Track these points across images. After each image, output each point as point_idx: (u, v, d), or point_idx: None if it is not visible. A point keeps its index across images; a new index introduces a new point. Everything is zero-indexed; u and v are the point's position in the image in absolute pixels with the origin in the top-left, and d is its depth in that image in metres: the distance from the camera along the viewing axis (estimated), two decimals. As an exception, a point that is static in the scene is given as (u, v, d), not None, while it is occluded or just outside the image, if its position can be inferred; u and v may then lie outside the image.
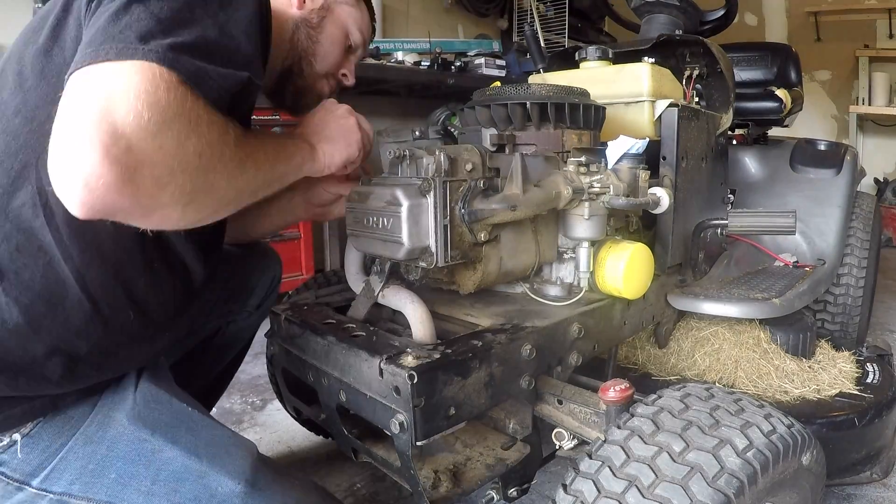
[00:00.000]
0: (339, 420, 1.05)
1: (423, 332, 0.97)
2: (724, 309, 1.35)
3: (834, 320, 1.88)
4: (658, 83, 1.38)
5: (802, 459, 0.82)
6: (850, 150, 2.02)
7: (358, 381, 0.92)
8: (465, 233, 0.96)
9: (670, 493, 0.71)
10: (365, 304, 1.07)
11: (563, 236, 1.15)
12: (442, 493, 0.97)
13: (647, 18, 1.82)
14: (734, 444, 0.75)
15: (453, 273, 1.06)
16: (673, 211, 1.32)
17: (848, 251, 1.87)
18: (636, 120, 1.39)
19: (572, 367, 1.09)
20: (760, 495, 0.76)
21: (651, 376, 1.47)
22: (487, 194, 0.98)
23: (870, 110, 4.95)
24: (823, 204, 1.88)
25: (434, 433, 0.85)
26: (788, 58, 2.39)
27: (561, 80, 1.50)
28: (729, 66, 1.60)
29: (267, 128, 2.36)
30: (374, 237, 0.96)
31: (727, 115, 1.58)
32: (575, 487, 0.77)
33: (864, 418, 1.29)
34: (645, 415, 0.83)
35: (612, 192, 1.10)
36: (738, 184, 1.99)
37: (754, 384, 1.40)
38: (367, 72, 2.95)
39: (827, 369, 1.47)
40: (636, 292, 1.15)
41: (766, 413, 0.83)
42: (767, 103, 2.08)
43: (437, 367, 0.84)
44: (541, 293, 1.15)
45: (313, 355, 1.02)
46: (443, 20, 4.08)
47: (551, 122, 1.17)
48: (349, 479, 1.46)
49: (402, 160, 0.96)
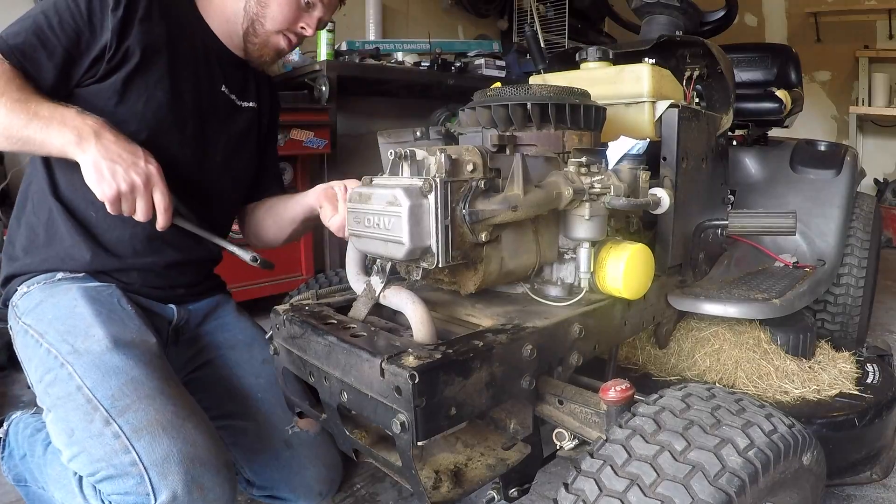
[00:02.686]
0: (339, 420, 1.05)
1: (423, 332, 0.97)
2: (725, 309, 1.36)
3: (834, 320, 1.88)
4: (658, 84, 1.38)
5: (803, 459, 0.82)
6: (850, 151, 2.02)
7: (359, 382, 0.92)
8: (465, 233, 0.96)
9: (672, 491, 0.71)
10: (366, 305, 1.07)
11: (564, 237, 1.16)
12: (443, 494, 0.97)
13: (647, 19, 1.82)
14: (735, 443, 0.76)
15: (454, 273, 1.07)
16: (673, 211, 1.32)
17: (848, 251, 1.87)
18: (637, 121, 1.39)
19: (573, 368, 1.09)
20: (761, 495, 0.76)
21: (651, 376, 1.47)
22: (488, 195, 0.98)
23: (870, 111, 4.96)
24: (823, 204, 1.88)
25: (435, 433, 0.85)
26: (788, 58, 2.39)
27: (561, 80, 1.50)
28: (729, 67, 1.60)
29: None
30: (375, 237, 0.96)
31: (727, 115, 1.58)
32: (577, 486, 0.77)
33: (864, 418, 1.29)
34: (646, 414, 0.83)
35: (612, 192, 1.10)
36: (739, 184, 1.99)
37: (754, 384, 1.40)
38: (367, 72, 2.96)
39: (827, 370, 1.47)
40: (636, 293, 1.16)
41: (767, 413, 0.83)
42: (767, 104, 2.08)
43: (438, 368, 0.84)
44: (541, 293, 1.15)
45: (314, 355, 1.02)
46: (443, 21, 4.08)
47: (552, 123, 1.17)
48: (349, 479, 1.46)
49: (403, 160, 0.96)
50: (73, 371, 1.04)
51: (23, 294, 1.19)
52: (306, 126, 2.52)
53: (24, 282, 1.21)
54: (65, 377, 1.04)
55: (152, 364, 1.09)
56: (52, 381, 1.06)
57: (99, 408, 0.99)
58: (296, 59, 2.88)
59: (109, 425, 0.98)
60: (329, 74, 2.72)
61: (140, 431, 0.97)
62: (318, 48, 2.85)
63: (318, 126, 2.56)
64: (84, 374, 1.03)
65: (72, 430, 1.00)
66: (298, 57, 2.89)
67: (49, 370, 1.07)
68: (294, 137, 2.48)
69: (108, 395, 1.01)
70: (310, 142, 2.53)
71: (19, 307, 1.18)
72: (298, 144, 2.50)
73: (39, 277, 1.20)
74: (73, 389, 1.02)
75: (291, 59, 2.87)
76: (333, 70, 2.76)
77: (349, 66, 2.89)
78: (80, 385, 1.02)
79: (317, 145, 2.56)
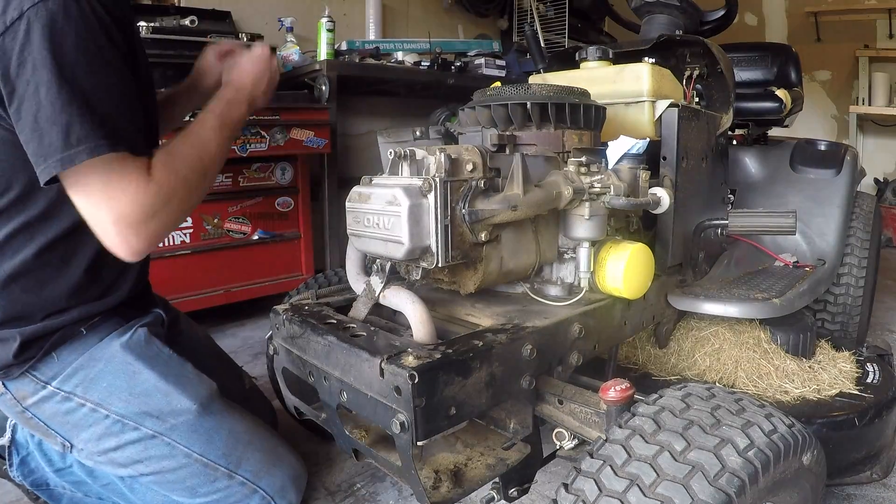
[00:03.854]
0: (339, 420, 1.05)
1: (423, 332, 0.97)
2: (725, 309, 1.35)
3: (834, 320, 1.88)
4: (658, 83, 1.38)
5: (803, 459, 0.82)
6: (850, 151, 2.02)
7: (359, 381, 0.92)
8: (465, 233, 0.96)
9: (672, 491, 0.71)
10: (366, 305, 1.07)
11: (564, 236, 1.15)
12: (442, 494, 0.97)
13: (647, 19, 1.82)
14: (735, 443, 0.76)
15: (454, 273, 1.06)
16: (673, 211, 1.32)
17: (848, 251, 1.87)
18: (636, 120, 1.39)
19: (573, 367, 1.09)
20: (761, 494, 0.76)
21: (651, 376, 1.47)
22: (488, 194, 0.98)
23: (870, 110, 4.95)
24: (823, 204, 1.87)
25: (435, 433, 0.85)
26: (788, 58, 2.39)
27: (561, 80, 1.50)
28: (729, 67, 1.60)
29: (266, 129, 2.37)
30: (375, 237, 0.96)
31: (727, 115, 1.58)
32: (576, 486, 0.77)
33: (864, 418, 1.29)
34: (646, 414, 0.83)
35: (612, 192, 1.10)
36: (739, 184, 1.99)
37: (754, 384, 1.40)
38: (367, 72, 2.96)
39: (827, 369, 1.47)
40: (636, 292, 1.15)
41: (767, 413, 0.83)
42: (767, 103, 2.08)
43: (438, 367, 0.84)
44: (541, 293, 1.15)
45: (314, 355, 1.02)
46: (443, 20, 4.08)
47: (552, 123, 1.17)
48: (349, 479, 1.46)
49: (403, 160, 0.96)
50: (174, 442, 1.13)
51: (44, 357, 1.10)
52: (306, 125, 2.51)
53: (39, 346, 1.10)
54: (164, 448, 1.12)
55: (224, 403, 1.21)
56: (138, 452, 1.12)
57: (218, 468, 1.15)
58: (296, 59, 2.88)
59: (234, 478, 1.16)
60: (329, 74, 2.72)
61: (259, 474, 1.19)
62: (318, 48, 2.84)
63: (318, 125, 2.56)
64: (188, 443, 1.14)
65: (193, 488, 1.15)
66: (298, 56, 2.89)
67: (129, 442, 1.12)
68: (294, 137, 2.48)
69: (220, 454, 1.15)
70: (310, 141, 2.53)
71: (44, 372, 1.10)
72: (299, 144, 2.50)
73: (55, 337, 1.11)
74: (181, 458, 1.13)
75: (292, 58, 2.87)
76: (333, 70, 2.75)
77: (349, 66, 2.89)
78: (188, 453, 1.13)
79: (317, 144, 2.56)
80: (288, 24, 2.95)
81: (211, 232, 2.41)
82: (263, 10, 3.17)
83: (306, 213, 2.72)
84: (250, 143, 2.34)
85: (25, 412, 1.11)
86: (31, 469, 1.31)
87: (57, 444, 1.14)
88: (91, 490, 1.28)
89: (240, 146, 2.30)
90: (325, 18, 2.82)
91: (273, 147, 2.42)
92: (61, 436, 1.13)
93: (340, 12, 3.40)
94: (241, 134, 2.28)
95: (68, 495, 1.30)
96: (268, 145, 2.39)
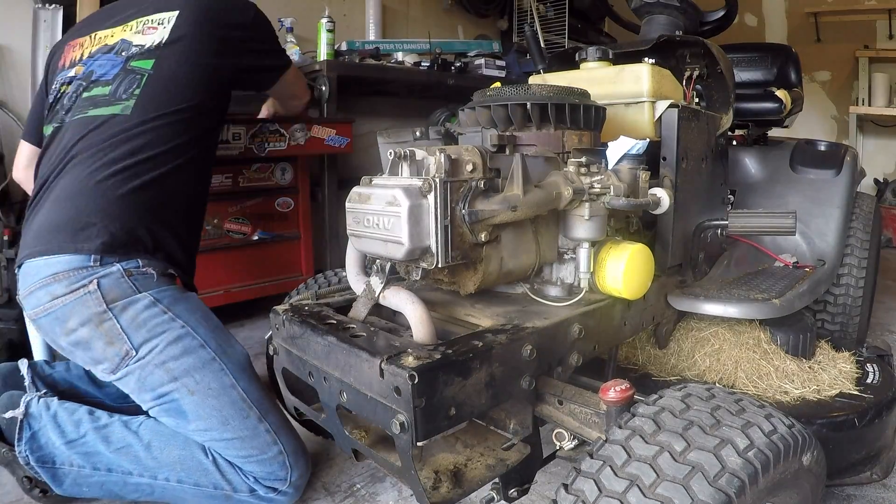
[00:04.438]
0: (339, 420, 1.05)
1: (423, 332, 0.97)
2: (725, 309, 1.35)
3: (834, 320, 1.88)
4: (658, 84, 1.38)
5: (803, 459, 0.82)
6: (850, 151, 2.02)
7: (359, 382, 0.92)
8: (465, 233, 0.96)
9: (672, 492, 0.71)
10: (365, 305, 1.07)
11: (564, 237, 1.16)
12: (442, 494, 0.97)
13: (647, 19, 1.82)
14: (735, 443, 0.76)
15: (454, 273, 1.06)
16: (673, 211, 1.32)
17: (848, 251, 1.87)
18: (636, 120, 1.39)
19: (573, 368, 1.09)
20: (761, 495, 0.76)
21: (651, 377, 1.47)
22: (488, 195, 0.98)
23: (870, 111, 4.95)
24: (823, 204, 1.87)
25: (435, 433, 0.85)
26: (788, 58, 2.39)
27: (561, 80, 1.50)
28: (729, 67, 1.60)
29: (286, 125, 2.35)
30: (375, 238, 0.96)
31: (727, 115, 1.58)
32: (576, 487, 0.77)
33: (864, 419, 1.29)
34: (646, 414, 0.83)
35: (612, 192, 1.10)
36: (739, 184, 1.99)
37: (754, 384, 1.40)
38: (367, 72, 2.96)
39: (827, 370, 1.47)
40: (636, 293, 1.15)
41: (767, 413, 0.83)
42: (767, 104, 2.08)
43: (438, 368, 0.84)
44: (541, 293, 1.15)
45: (314, 355, 1.02)
46: (443, 21, 4.08)
47: (552, 123, 1.17)
48: (349, 479, 1.46)
49: (403, 160, 0.96)
50: (226, 368, 1.27)
51: (140, 270, 1.28)
52: (329, 121, 2.45)
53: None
54: (217, 370, 1.26)
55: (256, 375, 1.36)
56: (195, 365, 1.25)
57: (252, 407, 1.27)
58: (296, 59, 2.88)
59: (262, 423, 1.27)
60: (329, 74, 2.72)
61: (280, 430, 1.29)
62: (319, 48, 2.84)
63: (341, 122, 2.49)
64: (236, 375, 1.28)
65: (226, 418, 1.24)
66: (299, 57, 2.89)
67: (190, 352, 1.25)
68: (315, 135, 2.40)
69: (256, 398, 1.29)
70: (331, 140, 2.45)
71: (141, 281, 1.27)
72: (320, 143, 2.43)
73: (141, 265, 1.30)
74: (227, 384, 1.26)
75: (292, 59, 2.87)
76: (333, 70, 2.75)
77: (349, 66, 2.89)
78: (233, 384, 1.27)
79: (339, 143, 2.48)
80: (288, 24, 2.95)
81: (211, 232, 2.40)
82: (263, 10, 3.17)
83: (306, 213, 2.72)
84: (268, 141, 2.26)
85: (106, 313, 1.22)
86: (41, 444, 1.28)
87: (119, 352, 1.23)
88: (101, 461, 1.27)
89: (258, 145, 2.23)
90: (325, 19, 2.82)
91: (293, 147, 2.34)
92: (130, 342, 1.23)
93: (340, 13, 3.40)
94: (259, 132, 2.23)
95: (74, 473, 1.27)
96: (287, 144, 2.32)
